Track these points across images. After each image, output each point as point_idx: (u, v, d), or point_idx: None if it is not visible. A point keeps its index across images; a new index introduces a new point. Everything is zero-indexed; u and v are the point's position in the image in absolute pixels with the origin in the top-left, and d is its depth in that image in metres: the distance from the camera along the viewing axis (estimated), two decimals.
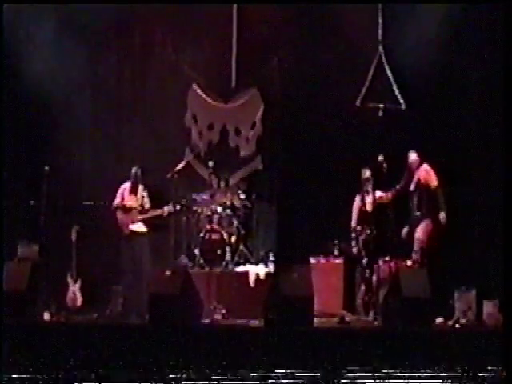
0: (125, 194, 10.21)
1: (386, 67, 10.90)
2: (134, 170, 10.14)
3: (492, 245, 9.84)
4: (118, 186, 10.33)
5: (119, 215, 10.12)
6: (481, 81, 10.52)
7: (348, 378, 7.28)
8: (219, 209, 10.83)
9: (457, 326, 9.09)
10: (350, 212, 10.23)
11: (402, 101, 10.83)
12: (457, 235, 10.16)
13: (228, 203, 10.91)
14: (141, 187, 10.19)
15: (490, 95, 10.27)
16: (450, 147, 10.56)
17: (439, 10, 10.52)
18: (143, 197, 10.17)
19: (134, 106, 11.73)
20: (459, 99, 10.62)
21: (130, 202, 10.14)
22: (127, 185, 10.23)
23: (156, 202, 10.19)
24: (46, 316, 9.33)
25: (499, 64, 9.17)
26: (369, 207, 9.98)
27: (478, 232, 10.34)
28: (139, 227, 10.07)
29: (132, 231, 10.05)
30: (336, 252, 10.49)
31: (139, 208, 10.10)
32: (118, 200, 10.19)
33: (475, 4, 10.33)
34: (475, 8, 10.37)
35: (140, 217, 10.06)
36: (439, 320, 9.18)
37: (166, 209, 10.04)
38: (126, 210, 10.08)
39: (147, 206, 10.17)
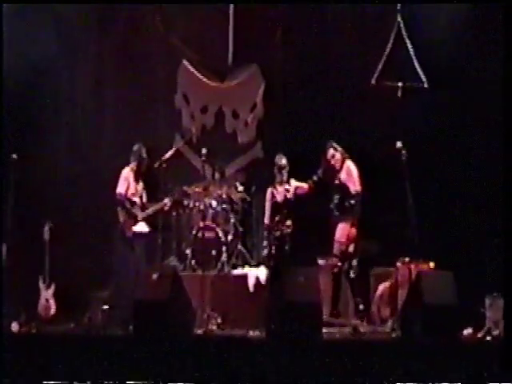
0: (130, 181, 9.81)
1: (406, 39, 10.48)
2: (135, 147, 9.85)
3: None
4: (98, 177, 10.22)
5: (122, 216, 9.76)
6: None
7: None
8: (214, 203, 10.50)
9: (488, 338, 8.53)
10: None
11: (423, 78, 10.43)
12: (488, 235, 9.61)
13: (224, 196, 10.60)
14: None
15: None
16: (476, 131, 10.04)
17: None
18: (144, 188, 9.97)
19: (118, 86, 11.28)
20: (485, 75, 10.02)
21: (134, 190, 9.81)
22: (128, 169, 9.80)
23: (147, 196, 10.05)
24: (15, 326, 9.09)
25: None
26: (280, 198, 10.03)
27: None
28: (142, 227, 9.83)
29: (135, 233, 9.79)
30: None
31: (139, 204, 9.83)
32: (122, 188, 9.75)
33: None
34: None
35: (143, 215, 9.80)
36: (468, 331, 8.64)
37: (166, 200, 9.87)
38: (132, 202, 9.73)
39: (144, 199, 9.97)
